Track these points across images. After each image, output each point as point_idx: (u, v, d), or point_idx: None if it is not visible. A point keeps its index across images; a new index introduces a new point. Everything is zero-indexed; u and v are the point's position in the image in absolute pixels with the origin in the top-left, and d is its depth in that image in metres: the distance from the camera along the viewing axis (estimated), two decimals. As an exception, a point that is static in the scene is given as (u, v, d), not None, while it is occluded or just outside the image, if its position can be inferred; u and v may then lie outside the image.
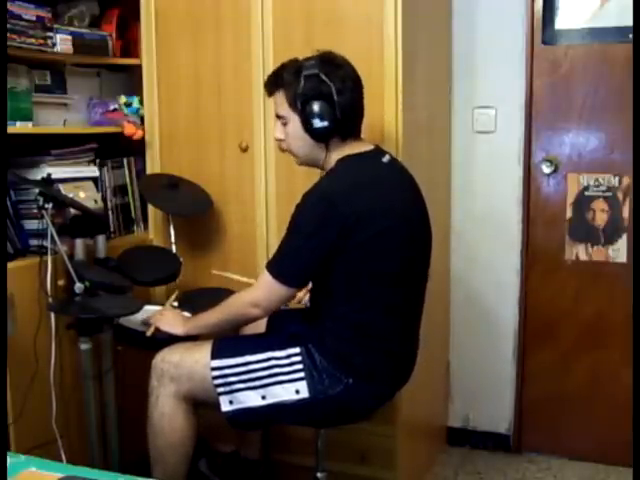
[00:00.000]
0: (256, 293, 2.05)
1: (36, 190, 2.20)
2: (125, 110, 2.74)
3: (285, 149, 2.12)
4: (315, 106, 1.97)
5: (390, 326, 2.04)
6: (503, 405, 3.03)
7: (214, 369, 2.01)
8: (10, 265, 2.20)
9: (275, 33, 2.51)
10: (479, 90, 2.90)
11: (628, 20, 2.66)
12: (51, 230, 2.14)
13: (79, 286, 2.14)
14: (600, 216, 2.85)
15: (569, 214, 2.88)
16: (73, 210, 2.33)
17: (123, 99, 2.74)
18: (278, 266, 2.00)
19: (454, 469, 2.92)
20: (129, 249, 2.54)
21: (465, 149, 2.95)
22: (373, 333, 2.01)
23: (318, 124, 1.98)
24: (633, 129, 2.64)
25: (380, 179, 2.05)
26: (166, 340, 2.15)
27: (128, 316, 2.23)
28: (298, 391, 1.98)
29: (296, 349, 2.00)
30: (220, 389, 2.01)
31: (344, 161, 2.04)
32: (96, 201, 2.50)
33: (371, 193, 1.99)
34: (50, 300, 2.23)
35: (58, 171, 2.43)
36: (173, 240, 2.60)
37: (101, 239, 2.45)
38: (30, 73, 2.48)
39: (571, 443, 2.97)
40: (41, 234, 2.20)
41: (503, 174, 2.92)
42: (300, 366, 1.98)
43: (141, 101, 2.75)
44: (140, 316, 2.27)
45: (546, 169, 2.88)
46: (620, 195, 2.81)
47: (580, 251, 2.88)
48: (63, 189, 2.39)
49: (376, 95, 2.27)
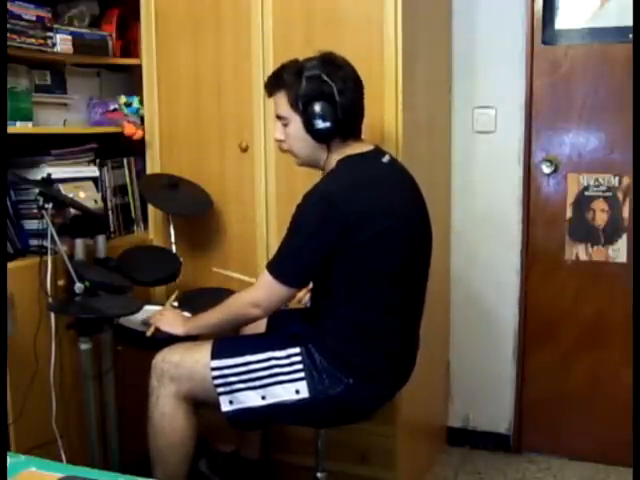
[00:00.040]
0: (256, 293, 2.05)
1: (36, 190, 2.20)
2: (125, 110, 2.74)
3: (285, 150, 2.12)
4: (317, 107, 1.97)
5: (390, 326, 2.04)
6: (503, 405, 3.03)
7: (214, 369, 2.01)
8: (10, 265, 2.20)
9: (275, 33, 2.51)
10: (479, 90, 2.90)
11: (628, 20, 2.66)
12: (51, 230, 2.14)
13: (79, 286, 2.14)
14: (600, 216, 2.85)
15: (569, 214, 2.88)
16: (73, 210, 2.33)
17: (123, 99, 2.74)
18: (278, 266, 2.00)
19: (454, 469, 2.92)
20: (129, 249, 2.54)
21: (465, 149, 2.95)
22: (373, 333, 2.01)
23: (320, 125, 1.98)
24: (633, 129, 2.64)
25: (380, 179, 2.05)
26: (166, 340, 2.15)
27: (128, 316, 2.23)
28: (298, 391, 1.98)
29: (296, 349, 2.00)
30: (220, 389, 2.01)
31: (344, 161, 2.04)
32: (96, 201, 2.50)
33: (371, 193, 1.99)
34: (50, 300, 2.23)
35: (58, 171, 2.43)
36: (173, 240, 2.60)
37: (101, 239, 2.45)
38: (30, 73, 2.48)
39: (571, 443, 2.97)
40: (41, 234, 2.20)
41: (503, 174, 2.92)
42: (300, 366, 1.98)
43: (141, 101, 2.75)
44: (140, 316, 2.27)
45: (546, 169, 2.87)
46: (620, 195, 2.81)
47: (580, 251, 2.88)
48: (63, 189, 2.39)
49: (376, 95, 2.27)
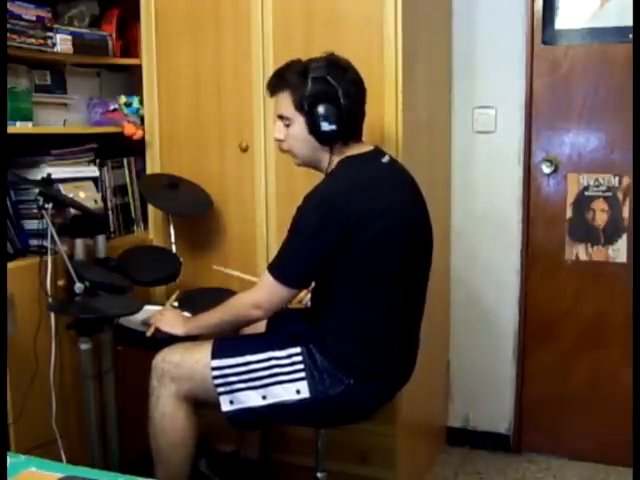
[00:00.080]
0: (257, 294, 2.05)
1: (36, 190, 2.20)
2: (125, 110, 2.74)
3: (285, 150, 2.12)
4: (323, 109, 1.97)
5: (391, 326, 2.04)
6: (503, 405, 3.03)
7: (214, 369, 2.01)
8: (10, 265, 2.20)
9: (275, 33, 2.51)
10: (479, 90, 2.90)
11: (628, 20, 2.66)
12: (51, 230, 2.14)
13: (79, 286, 2.14)
14: (600, 216, 2.85)
15: (569, 214, 2.88)
16: (73, 210, 2.33)
17: (123, 99, 2.74)
18: (280, 268, 2.00)
19: (454, 469, 2.92)
20: (129, 249, 2.54)
21: (465, 149, 2.95)
22: (374, 333, 2.01)
23: (326, 127, 1.98)
24: (633, 129, 2.64)
25: (380, 180, 2.05)
26: (166, 340, 2.15)
27: (128, 316, 2.23)
28: (299, 391, 1.98)
29: (297, 349, 2.00)
30: (220, 389, 2.01)
31: (344, 162, 2.04)
32: (96, 201, 2.50)
33: (371, 194, 1.99)
34: (50, 300, 2.23)
35: (58, 171, 2.43)
36: (173, 240, 2.60)
37: (101, 239, 2.45)
38: (30, 73, 2.48)
39: (571, 443, 2.97)
40: (41, 234, 2.20)
41: (503, 174, 2.92)
42: (301, 366, 1.98)
43: (141, 101, 2.75)
44: (140, 316, 2.27)
45: (546, 169, 2.87)
46: (620, 195, 2.81)
47: (580, 251, 2.88)
48: (63, 189, 2.39)
49: (376, 95, 2.27)
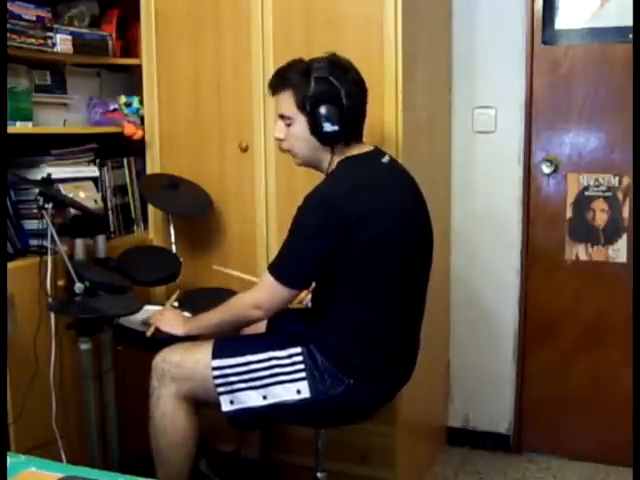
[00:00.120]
0: (258, 295, 2.05)
1: (36, 190, 2.20)
2: (125, 110, 2.73)
3: (285, 149, 2.11)
4: (325, 109, 1.97)
5: (391, 326, 2.04)
6: (503, 405, 3.03)
7: (215, 369, 2.01)
8: (10, 265, 2.20)
9: (275, 33, 2.51)
10: (479, 90, 2.90)
11: (628, 20, 2.66)
12: (51, 230, 2.14)
13: (79, 286, 2.14)
14: (600, 216, 2.85)
15: (569, 214, 2.88)
16: (73, 210, 2.33)
17: (123, 99, 2.74)
18: (280, 268, 2.00)
19: (454, 469, 2.92)
20: (129, 249, 2.54)
21: (465, 149, 2.95)
22: (374, 333, 2.01)
23: (329, 128, 1.98)
24: (633, 129, 2.64)
25: (380, 180, 2.05)
26: (166, 340, 2.15)
27: (128, 316, 2.23)
28: (299, 391, 1.97)
29: (297, 349, 2.00)
30: (221, 389, 2.01)
31: (344, 163, 2.04)
32: (96, 201, 2.50)
33: (371, 194, 1.99)
34: (50, 300, 2.23)
35: (58, 171, 2.43)
36: (173, 240, 2.60)
37: (101, 239, 2.45)
38: (30, 73, 2.48)
39: (571, 443, 2.97)
40: (41, 234, 2.20)
41: (503, 174, 2.92)
42: (301, 366, 1.98)
43: (141, 101, 2.75)
44: (140, 316, 2.27)
45: (546, 169, 2.87)
46: (620, 195, 2.81)
47: (580, 251, 2.88)
48: (63, 189, 2.39)
49: (376, 95, 2.26)
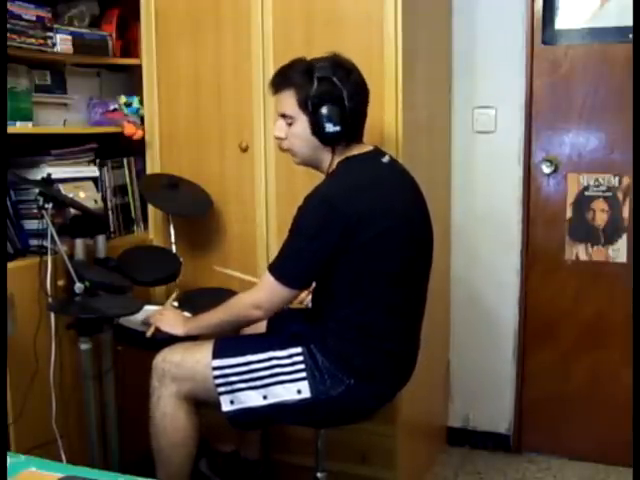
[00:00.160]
0: (258, 295, 2.04)
1: (36, 190, 2.20)
2: (125, 110, 2.73)
3: (285, 148, 2.11)
4: (328, 110, 1.96)
5: (391, 326, 2.04)
6: (503, 405, 3.03)
7: (215, 369, 2.01)
8: (10, 265, 2.20)
9: (275, 33, 2.51)
10: (479, 90, 2.89)
11: (628, 20, 2.66)
12: (51, 230, 2.14)
13: (79, 286, 2.14)
14: (600, 216, 2.85)
15: (569, 214, 2.88)
16: (73, 210, 2.33)
17: (123, 99, 2.74)
18: (280, 268, 2.00)
19: (454, 469, 2.92)
20: (129, 249, 2.54)
21: (465, 149, 2.95)
22: (375, 333, 2.01)
23: (330, 128, 1.98)
24: (633, 129, 2.64)
25: (380, 180, 2.04)
26: (166, 340, 2.14)
27: (128, 316, 2.23)
28: (300, 391, 1.97)
29: (298, 349, 2.00)
30: (221, 389, 2.01)
31: (344, 163, 2.04)
32: (96, 201, 2.50)
33: (371, 194, 1.99)
34: (50, 300, 2.23)
35: (58, 171, 2.43)
36: (173, 240, 2.60)
37: (101, 239, 2.45)
38: (30, 73, 2.48)
39: (571, 443, 2.97)
40: (41, 234, 2.20)
41: (503, 174, 2.92)
42: (302, 366, 1.98)
43: (141, 101, 2.75)
44: (140, 316, 2.26)
45: (546, 169, 2.87)
46: (620, 195, 2.81)
47: (580, 251, 2.88)
48: (63, 189, 2.39)
49: (376, 94, 2.26)
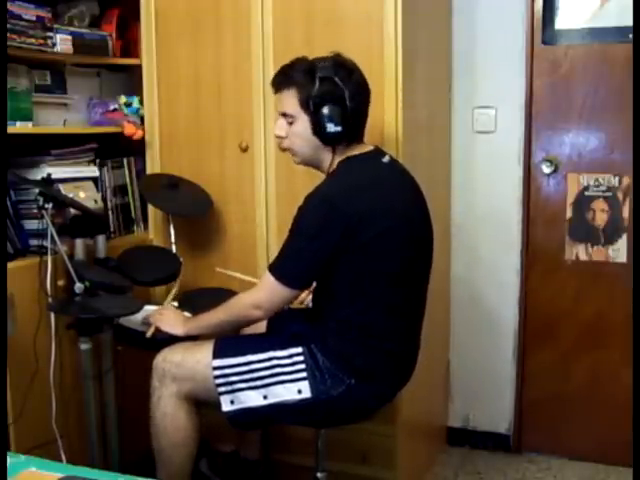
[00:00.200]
0: (258, 295, 2.04)
1: (36, 190, 2.20)
2: (125, 110, 2.73)
3: (285, 147, 2.11)
4: (329, 110, 1.96)
5: (391, 326, 2.03)
6: (503, 405, 3.03)
7: (216, 369, 2.01)
8: (10, 265, 2.20)
9: (275, 33, 2.51)
10: (479, 90, 2.89)
11: (628, 20, 2.66)
12: (51, 230, 2.14)
13: (79, 286, 2.14)
14: (600, 216, 2.85)
15: (569, 214, 2.88)
16: (73, 210, 2.33)
17: (123, 99, 2.74)
18: (280, 268, 2.00)
19: (454, 469, 2.92)
20: (129, 249, 2.54)
21: (465, 149, 2.95)
22: (375, 333, 2.01)
23: (332, 128, 1.98)
24: (633, 129, 2.64)
25: (380, 180, 2.04)
26: (166, 340, 2.14)
27: (128, 316, 2.23)
28: (300, 391, 1.97)
29: (298, 349, 1.99)
30: (221, 389, 2.01)
31: (345, 163, 2.04)
32: (96, 201, 2.50)
33: (372, 194, 1.99)
34: (50, 300, 2.23)
35: (58, 171, 2.43)
36: (173, 240, 2.60)
37: (101, 239, 2.45)
38: (30, 73, 2.48)
39: (571, 443, 2.97)
40: (41, 234, 2.20)
41: (503, 174, 2.92)
42: (302, 366, 1.98)
43: (141, 101, 2.75)
44: (140, 315, 2.27)
45: (546, 169, 2.87)
46: (620, 195, 2.81)
47: (580, 251, 2.88)
48: (63, 189, 2.39)
49: (376, 93, 2.25)
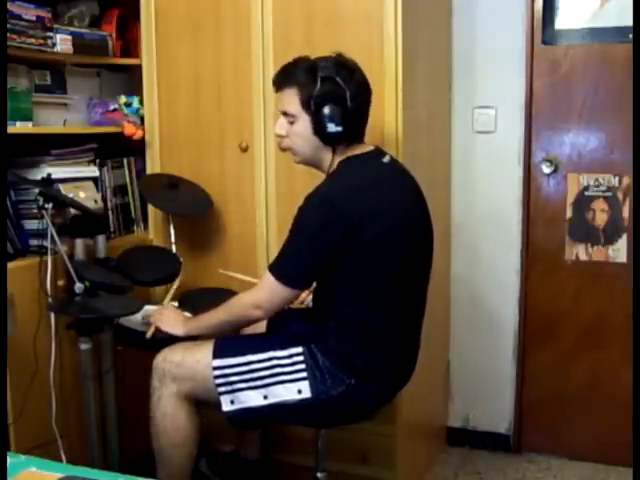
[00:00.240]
0: (258, 295, 2.04)
1: (36, 190, 2.20)
2: (125, 110, 2.73)
3: (285, 147, 2.11)
4: (330, 110, 1.96)
5: (391, 326, 2.03)
6: (503, 405, 3.03)
7: (216, 368, 2.01)
8: (10, 265, 2.20)
9: (275, 33, 2.51)
10: (479, 90, 2.89)
11: (628, 20, 2.66)
12: (51, 230, 2.14)
13: (79, 286, 2.14)
14: (600, 216, 2.85)
15: (569, 214, 2.88)
16: (73, 210, 2.33)
17: (123, 99, 2.74)
18: (280, 268, 2.00)
19: (454, 469, 2.92)
20: (129, 249, 2.54)
21: (465, 149, 2.95)
22: (375, 333, 2.01)
23: (332, 129, 1.98)
24: (633, 129, 2.64)
25: (380, 180, 2.04)
26: (166, 340, 2.14)
27: (128, 316, 2.23)
28: (300, 391, 1.97)
29: (298, 349, 1.99)
30: (221, 389, 2.01)
31: (345, 163, 2.04)
32: (96, 201, 2.50)
33: (372, 194, 1.99)
34: (50, 300, 2.23)
35: (58, 171, 2.43)
36: (173, 240, 2.60)
37: (101, 239, 2.45)
38: (30, 73, 2.48)
39: (571, 443, 2.97)
40: (41, 234, 2.20)
41: (503, 174, 2.91)
42: (302, 366, 1.98)
43: (141, 101, 2.75)
44: (140, 316, 2.27)
45: (546, 169, 2.87)
46: (620, 195, 2.81)
47: (580, 251, 2.88)
48: (63, 189, 2.39)
49: (376, 93, 2.25)
